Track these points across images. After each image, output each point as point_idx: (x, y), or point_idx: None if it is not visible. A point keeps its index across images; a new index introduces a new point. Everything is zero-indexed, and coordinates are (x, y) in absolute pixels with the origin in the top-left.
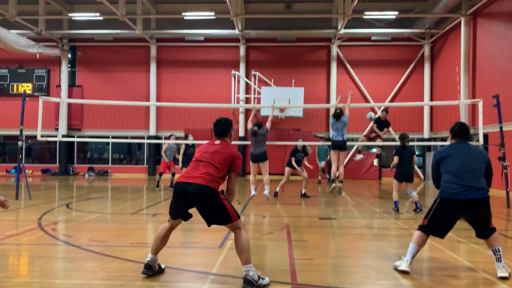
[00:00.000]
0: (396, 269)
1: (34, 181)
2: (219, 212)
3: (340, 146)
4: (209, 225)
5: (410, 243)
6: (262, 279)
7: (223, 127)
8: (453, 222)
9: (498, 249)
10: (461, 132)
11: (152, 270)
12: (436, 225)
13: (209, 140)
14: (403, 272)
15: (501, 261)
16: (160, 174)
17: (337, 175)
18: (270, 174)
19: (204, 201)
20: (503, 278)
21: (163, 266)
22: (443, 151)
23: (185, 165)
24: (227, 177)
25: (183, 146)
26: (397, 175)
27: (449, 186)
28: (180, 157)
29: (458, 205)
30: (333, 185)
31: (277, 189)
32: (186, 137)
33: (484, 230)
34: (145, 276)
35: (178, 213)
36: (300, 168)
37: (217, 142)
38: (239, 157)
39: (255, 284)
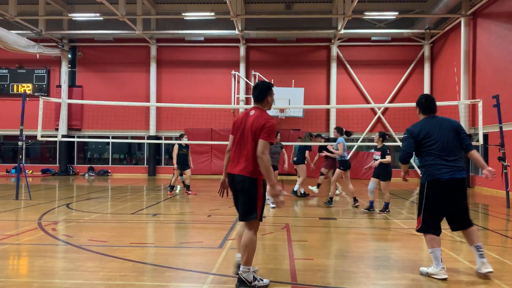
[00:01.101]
0: (434, 277)
1: (34, 181)
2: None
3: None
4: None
5: (430, 249)
6: (259, 280)
7: (260, 91)
8: (443, 211)
9: (481, 245)
10: (430, 105)
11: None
12: (431, 217)
13: (207, 139)
14: (443, 279)
15: (484, 257)
16: (181, 174)
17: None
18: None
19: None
20: (490, 273)
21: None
22: (418, 130)
23: (179, 165)
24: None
25: (176, 146)
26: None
27: (436, 168)
28: (174, 158)
29: (446, 186)
30: (357, 203)
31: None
32: (180, 137)
33: (464, 214)
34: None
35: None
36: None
37: (252, 112)
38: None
39: (248, 284)
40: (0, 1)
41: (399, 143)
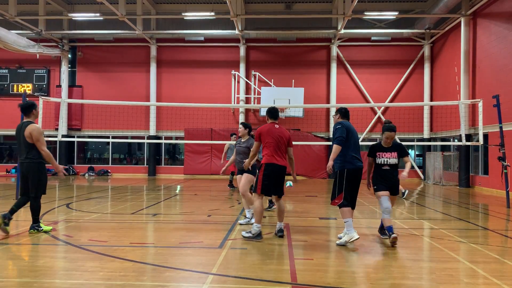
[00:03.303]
0: (349, 242)
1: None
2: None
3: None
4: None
5: (346, 219)
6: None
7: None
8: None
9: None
10: (347, 113)
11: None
12: (349, 194)
13: (207, 139)
14: (351, 241)
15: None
16: (232, 174)
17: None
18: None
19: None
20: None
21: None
22: (345, 124)
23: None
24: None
25: (227, 145)
26: None
27: (354, 158)
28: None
29: (358, 172)
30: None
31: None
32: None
33: (356, 198)
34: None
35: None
36: None
37: (277, 126)
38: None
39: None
40: (0, 1)
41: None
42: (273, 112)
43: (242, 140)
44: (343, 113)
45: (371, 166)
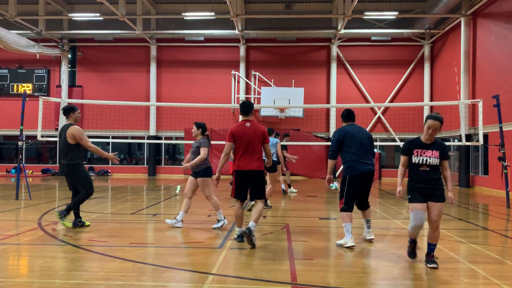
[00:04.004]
0: (343, 246)
1: (34, 181)
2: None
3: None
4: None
5: (344, 224)
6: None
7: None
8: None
9: (369, 220)
10: (349, 115)
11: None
12: (351, 199)
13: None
14: (351, 248)
15: (370, 228)
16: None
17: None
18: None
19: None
20: (370, 240)
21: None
22: (342, 131)
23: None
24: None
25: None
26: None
27: (357, 163)
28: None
29: (363, 176)
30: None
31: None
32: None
33: (366, 199)
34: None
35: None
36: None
37: (248, 124)
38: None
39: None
40: (0, 1)
41: (399, 143)
42: (244, 107)
43: (195, 140)
44: (344, 116)
45: (404, 167)
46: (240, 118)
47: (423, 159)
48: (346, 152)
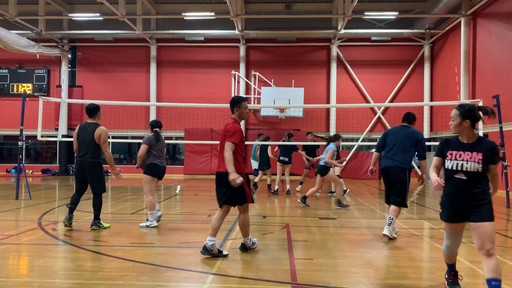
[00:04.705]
0: (390, 236)
1: (34, 181)
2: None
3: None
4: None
5: (396, 218)
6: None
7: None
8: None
9: (391, 217)
10: (405, 116)
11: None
12: (386, 192)
13: (207, 139)
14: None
15: (388, 225)
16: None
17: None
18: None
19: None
20: (385, 236)
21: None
22: (387, 130)
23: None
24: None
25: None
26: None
27: (384, 158)
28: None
29: (385, 170)
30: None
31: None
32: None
33: (391, 195)
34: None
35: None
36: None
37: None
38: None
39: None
40: (0, 1)
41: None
42: (231, 102)
43: None
44: (403, 118)
45: (437, 169)
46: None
47: (457, 164)
48: (384, 149)
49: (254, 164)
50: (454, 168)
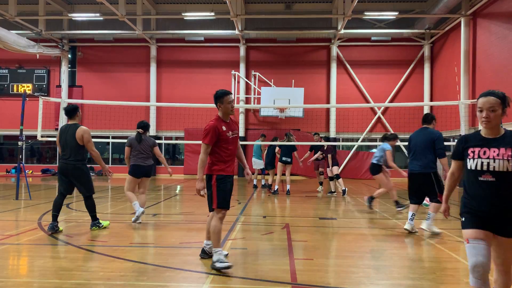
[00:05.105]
0: (436, 233)
1: (34, 181)
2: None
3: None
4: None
5: (434, 213)
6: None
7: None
8: None
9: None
10: (424, 117)
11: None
12: (410, 193)
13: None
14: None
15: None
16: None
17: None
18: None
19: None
20: (405, 230)
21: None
22: (409, 139)
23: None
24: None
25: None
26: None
27: (409, 164)
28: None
29: (411, 176)
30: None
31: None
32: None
33: (418, 198)
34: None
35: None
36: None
37: None
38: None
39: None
40: (0, 1)
41: (399, 143)
42: (214, 98)
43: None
44: (422, 120)
45: (454, 177)
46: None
47: (483, 163)
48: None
49: (257, 164)
50: (479, 168)
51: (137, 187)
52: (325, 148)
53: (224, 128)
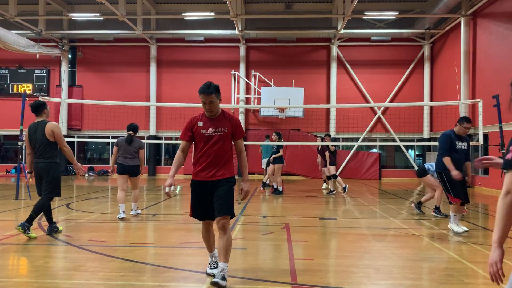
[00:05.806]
0: (458, 233)
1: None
2: None
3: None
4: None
5: (453, 213)
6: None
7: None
8: None
9: (452, 214)
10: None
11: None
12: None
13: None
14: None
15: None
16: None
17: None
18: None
19: None
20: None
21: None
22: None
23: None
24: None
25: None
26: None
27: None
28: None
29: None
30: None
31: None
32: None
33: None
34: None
35: None
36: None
37: None
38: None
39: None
40: (0, 1)
41: (399, 143)
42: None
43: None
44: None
45: (509, 196)
46: None
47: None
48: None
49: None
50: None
51: (128, 184)
52: (318, 148)
53: (200, 123)
